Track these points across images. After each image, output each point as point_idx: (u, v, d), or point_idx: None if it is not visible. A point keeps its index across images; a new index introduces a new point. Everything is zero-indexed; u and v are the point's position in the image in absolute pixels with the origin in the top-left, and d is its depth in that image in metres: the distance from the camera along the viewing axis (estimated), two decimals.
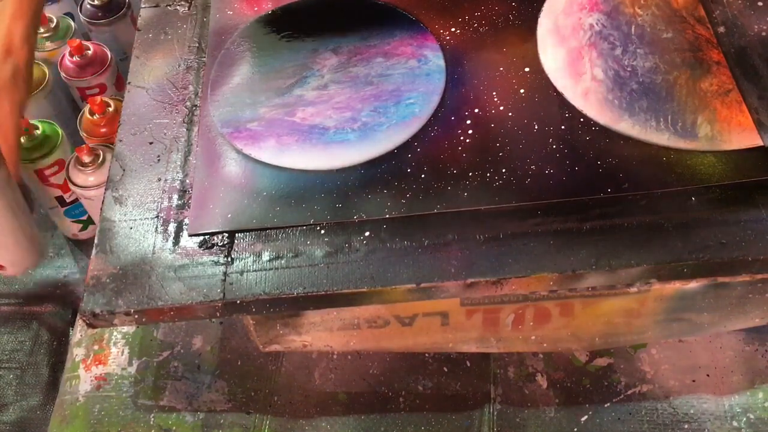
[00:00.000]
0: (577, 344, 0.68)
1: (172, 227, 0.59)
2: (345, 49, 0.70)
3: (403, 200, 0.58)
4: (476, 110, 0.64)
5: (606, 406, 0.68)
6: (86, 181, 0.81)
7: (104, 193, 0.62)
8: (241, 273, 0.56)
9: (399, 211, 0.58)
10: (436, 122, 0.63)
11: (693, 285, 0.61)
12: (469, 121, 0.63)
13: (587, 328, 0.66)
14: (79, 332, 0.75)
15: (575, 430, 0.67)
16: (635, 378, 0.69)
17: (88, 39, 0.96)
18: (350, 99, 0.66)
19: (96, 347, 0.74)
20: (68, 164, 0.82)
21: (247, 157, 0.63)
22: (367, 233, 0.57)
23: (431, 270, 0.55)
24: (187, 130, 0.66)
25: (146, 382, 0.71)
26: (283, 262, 0.56)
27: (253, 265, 0.56)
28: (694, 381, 0.68)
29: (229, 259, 0.57)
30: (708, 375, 0.68)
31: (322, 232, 0.58)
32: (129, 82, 0.70)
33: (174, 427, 0.69)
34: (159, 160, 0.64)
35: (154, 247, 0.58)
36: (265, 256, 0.57)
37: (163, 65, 0.71)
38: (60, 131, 0.85)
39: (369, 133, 0.63)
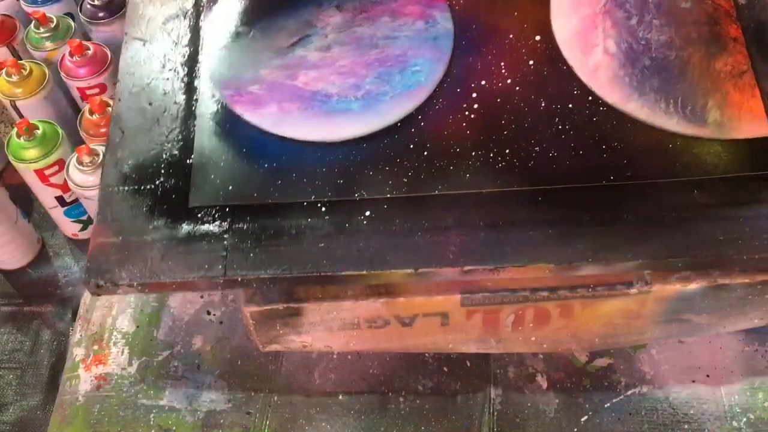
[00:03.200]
0: (577, 345, 0.68)
1: (172, 197, 0.58)
2: (350, 5, 0.66)
3: (404, 179, 0.57)
4: (482, 82, 0.61)
5: (606, 406, 0.68)
6: (86, 181, 0.81)
7: (104, 156, 0.60)
8: (242, 248, 0.55)
9: (400, 191, 0.57)
10: (441, 94, 0.61)
11: (693, 286, 0.61)
12: (474, 95, 0.61)
13: (587, 329, 0.66)
14: (79, 332, 0.75)
15: (575, 430, 0.67)
16: (635, 378, 0.69)
17: (88, 39, 0.96)
18: (354, 63, 0.63)
19: (96, 347, 0.74)
20: (68, 164, 0.82)
21: (248, 124, 0.61)
22: (367, 213, 0.56)
23: (430, 255, 0.54)
24: (186, 89, 0.63)
25: (146, 382, 0.71)
26: (284, 239, 0.56)
27: (254, 240, 0.55)
28: (694, 381, 0.68)
29: (231, 233, 0.56)
30: (708, 375, 0.68)
31: (323, 209, 0.57)
32: (126, 33, 0.67)
33: (174, 427, 0.69)
34: (158, 122, 0.62)
35: (155, 217, 0.57)
36: (266, 233, 0.56)
37: (161, 15, 0.68)
38: (60, 131, 0.85)
39: (372, 103, 0.61)
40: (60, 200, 0.89)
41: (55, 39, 0.94)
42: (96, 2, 0.95)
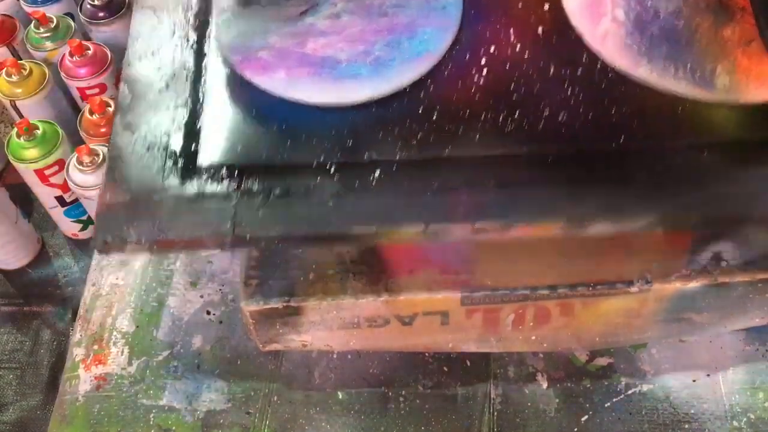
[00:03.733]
0: (577, 344, 0.68)
1: (181, 157, 0.58)
2: None
3: (413, 142, 0.57)
4: (491, 49, 0.61)
5: (606, 405, 0.68)
6: (86, 181, 0.81)
7: (114, 118, 0.61)
8: (251, 207, 0.55)
9: (409, 153, 0.56)
10: (449, 60, 0.61)
11: (693, 285, 0.61)
12: (483, 61, 0.61)
13: (587, 328, 0.66)
14: (79, 332, 0.75)
15: (575, 430, 0.67)
16: (635, 378, 0.69)
17: (88, 39, 0.96)
18: (363, 31, 0.63)
19: (96, 347, 0.74)
20: (68, 164, 0.82)
21: (257, 88, 0.61)
22: (377, 173, 0.56)
23: (440, 213, 0.54)
24: (196, 55, 0.64)
25: (146, 382, 0.71)
26: (293, 199, 0.55)
27: (262, 200, 0.55)
28: (694, 381, 0.68)
29: (239, 192, 0.56)
30: (708, 375, 0.68)
31: (333, 170, 0.56)
32: (136, 2, 0.67)
33: (174, 427, 0.69)
34: (168, 87, 0.62)
35: (164, 177, 0.57)
36: (275, 192, 0.55)
37: None
38: (60, 131, 0.85)
39: (381, 68, 0.61)
40: (60, 200, 0.89)
41: (55, 39, 0.94)
42: (96, 2, 0.95)
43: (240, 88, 0.61)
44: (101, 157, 0.81)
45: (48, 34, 0.94)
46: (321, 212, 0.55)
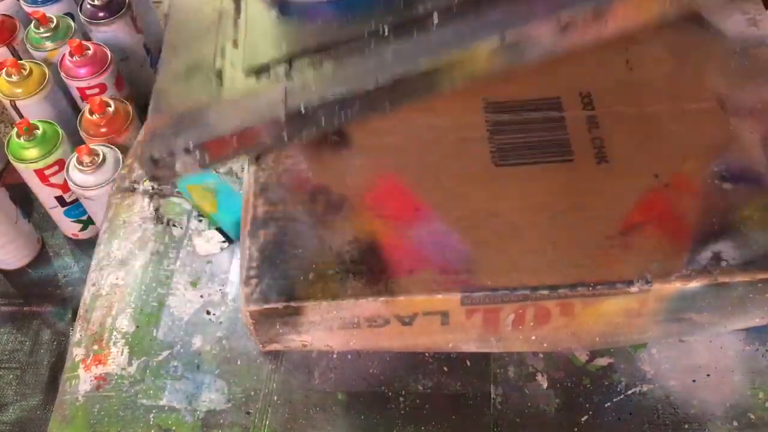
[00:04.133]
0: (577, 344, 0.68)
1: (226, 73, 0.56)
2: None
3: None
4: None
5: (606, 405, 0.67)
6: (86, 181, 0.81)
7: (158, 69, 0.60)
8: (303, 87, 0.52)
9: None
10: None
11: (693, 284, 0.61)
12: None
13: (587, 328, 0.66)
14: (79, 332, 0.75)
15: (575, 430, 0.67)
16: (636, 378, 0.69)
17: (88, 39, 0.96)
18: None
19: (96, 347, 0.74)
20: (68, 164, 0.83)
21: (298, 4, 0.59)
22: (435, 20, 0.52)
23: (516, 19, 0.49)
24: (235, 3, 0.63)
25: (146, 382, 0.71)
26: (347, 66, 0.52)
27: (314, 77, 0.52)
28: (694, 381, 0.68)
29: (288, 78, 0.53)
30: (708, 375, 0.68)
31: (386, 33, 0.53)
32: None
33: (174, 427, 0.69)
34: (209, 31, 0.61)
35: (210, 94, 0.55)
36: (327, 67, 0.52)
37: None
38: (60, 131, 0.85)
39: None
40: (60, 200, 0.89)
41: (55, 39, 0.94)
42: (96, 2, 0.95)
43: (281, 9, 0.59)
44: (101, 157, 0.81)
45: (48, 34, 0.94)
46: (382, 68, 0.51)
